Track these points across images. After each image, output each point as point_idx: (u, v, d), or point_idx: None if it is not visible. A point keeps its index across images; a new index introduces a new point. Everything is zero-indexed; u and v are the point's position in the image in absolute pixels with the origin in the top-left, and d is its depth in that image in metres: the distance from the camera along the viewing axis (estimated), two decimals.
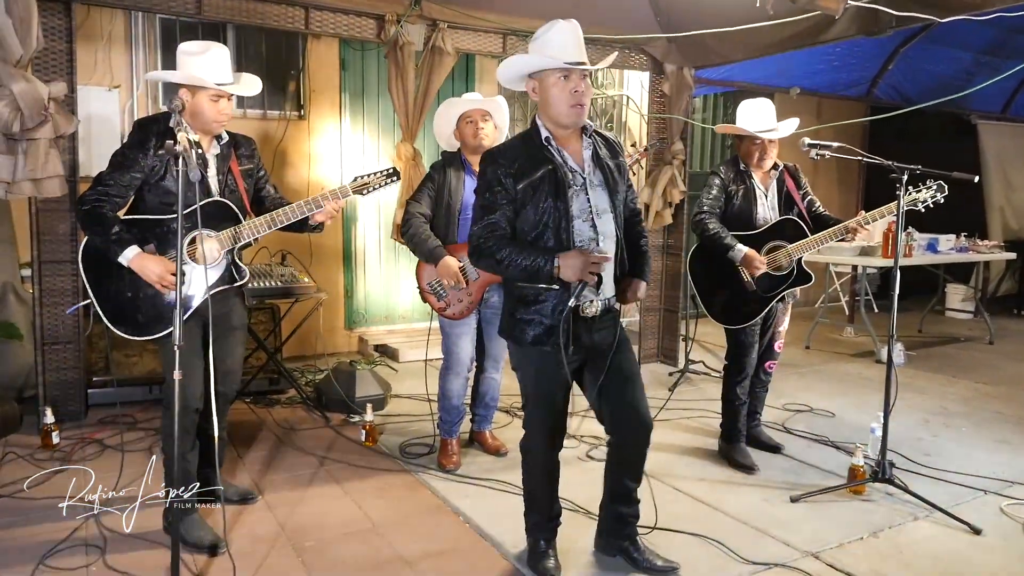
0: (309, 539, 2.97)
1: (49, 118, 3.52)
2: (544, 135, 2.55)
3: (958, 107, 7.63)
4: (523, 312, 2.57)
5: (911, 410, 4.80)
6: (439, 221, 3.66)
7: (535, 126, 2.58)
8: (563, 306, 2.51)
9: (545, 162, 2.51)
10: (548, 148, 2.54)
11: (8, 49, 3.36)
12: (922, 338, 7.31)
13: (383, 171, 3.13)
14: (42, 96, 3.45)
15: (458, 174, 3.65)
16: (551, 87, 2.49)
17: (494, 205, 2.51)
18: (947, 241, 7.01)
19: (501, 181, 2.50)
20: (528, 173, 2.49)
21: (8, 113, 3.38)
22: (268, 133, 5.71)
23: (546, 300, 2.53)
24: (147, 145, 2.74)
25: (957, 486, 3.62)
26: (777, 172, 3.82)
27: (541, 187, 2.49)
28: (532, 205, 2.49)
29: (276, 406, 4.71)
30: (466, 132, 3.63)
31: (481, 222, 2.53)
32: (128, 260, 2.71)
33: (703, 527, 3.11)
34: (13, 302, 4.56)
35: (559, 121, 2.53)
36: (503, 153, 2.55)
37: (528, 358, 2.64)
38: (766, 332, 3.92)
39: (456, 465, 3.73)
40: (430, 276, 3.65)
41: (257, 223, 2.92)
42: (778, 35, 4.71)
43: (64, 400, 4.18)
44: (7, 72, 3.38)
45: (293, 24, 4.50)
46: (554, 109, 2.51)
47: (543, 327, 2.54)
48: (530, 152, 2.53)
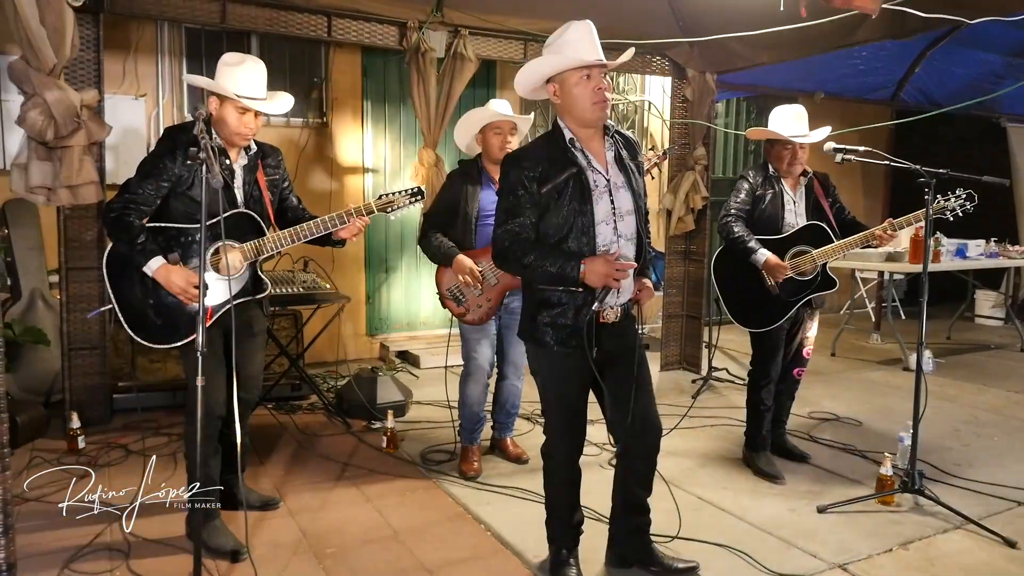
0: (330, 546, 2.97)
1: (82, 125, 3.57)
2: (568, 136, 2.53)
3: (987, 110, 7.51)
4: (545, 315, 2.55)
5: (941, 419, 4.71)
6: (456, 229, 3.67)
7: (558, 128, 2.56)
8: (587, 309, 2.49)
9: (570, 165, 2.49)
10: (572, 150, 2.52)
11: (42, 58, 3.41)
12: (951, 345, 7.18)
13: (408, 190, 3.13)
14: (75, 104, 3.49)
15: (475, 183, 3.66)
16: (573, 87, 2.47)
17: (518, 208, 2.49)
18: (976, 246, 6.89)
19: (525, 184, 2.48)
20: (552, 176, 2.47)
21: (42, 121, 3.42)
22: (291, 140, 5.75)
23: (568, 303, 2.52)
24: (175, 153, 2.76)
25: (989, 497, 3.53)
26: (807, 179, 3.78)
27: (565, 191, 2.47)
28: (556, 209, 2.48)
29: (298, 412, 4.72)
30: (492, 142, 3.62)
31: (505, 225, 2.51)
32: (153, 271, 2.73)
33: (727, 537, 3.06)
34: (41, 308, 4.62)
35: (584, 120, 2.52)
36: (526, 155, 2.53)
37: (548, 361, 2.62)
38: (793, 338, 3.87)
39: (477, 472, 3.71)
40: (450, 281, 3.65)
41: (281, 236, 2.93)
42: (803, 38, 4.65)
43: (90, 405, 4.22)
44: (40, 80, 3.42)
45: (316, 32, 4.53)
46: (578, 109, 2.49)
47: (565, 330, 2.53)
48: (554, 155, 2.51)
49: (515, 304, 3.64)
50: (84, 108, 3.59)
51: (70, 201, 3.67)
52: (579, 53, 2.45)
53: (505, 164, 2.56)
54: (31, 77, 3.44)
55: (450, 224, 3.68)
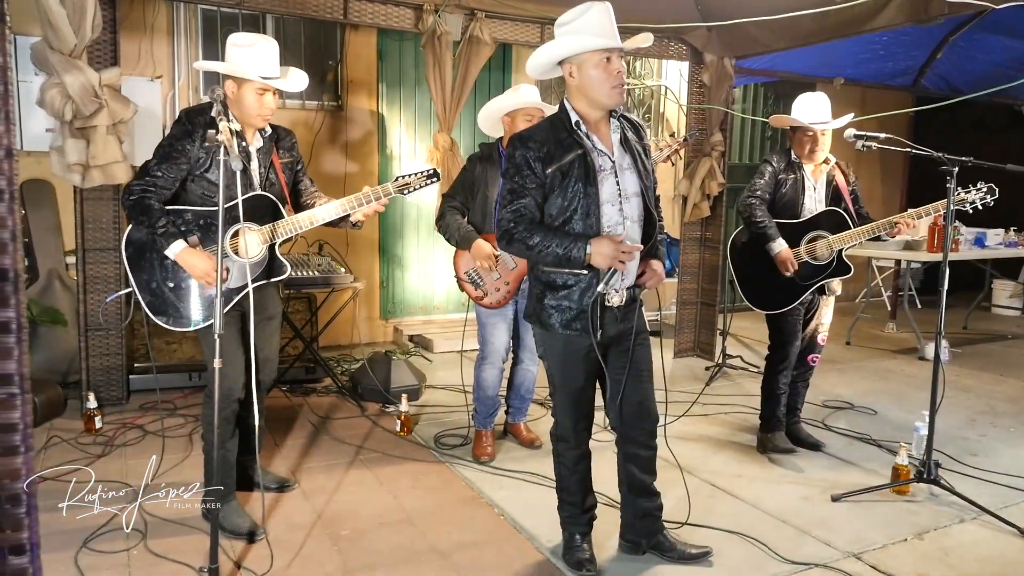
0: (345, 528, 2.99)
1: (104, 105, 3.56)
2: (574, 119, 2.51)
3: (1008, 97, 7.39)
4: (551, 297, 2.55)
5: (956, 409, 4.68)
6: (475, 212, 3.68)
7: (564, 110, 2.54)
8: (592, 291, 2.49)
9: (575, 146, 2.48)
10: (578, 132, 2.51)
11: (62, 39, 3.40)
12: (967, 335, 7.11)
13: (423, 172, 3.13)
14: (92, 84, 3.49)
15: (495, 166, 3.64)
16: (592, 69, 2.45)
17: (523, 189, 2.49)
18: (995, 236, 6.82)
19: (531, 165, 2.47)
20: (557, 157, 2.47)
21: (59, 101, 3.42)
22: (306, 123, 5.74)
23: (574, 285, 2.51)
24: (194, 136, 2.75)
25: (1005, 488, 3.51)
26: (829, 167, 3.78)
27: (571, 172, 2.46)
28: (561, 190, 2.47)
29: (312, 395, 4.74)
30: (522, 128, 3.58)
31: (510, 207, 2.50)
32: (175, 254, 2.73)
33: (741, 524, 3.06)
34: (58, 289, 4.66)
35: (600, 103, 2.51)
36: (532, 137, 2.52)
37: (555, 344, 2.62)
38: (808, 324, 3.86)
39: (490, 457, 3.73)
40: (467, 265, 3.65)
41: (298, 219, 2.93)
42: (823, 23, 4.59)
43: (106, 385, 4.26)
44: (60, 61, 3.42)
45: (332, 14, 4.51)
46: (596, 91, 2.47)
47: (571, 312, 2.53)
48: (559, 137, 2.50)
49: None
50: (105, 87, 3.59)
51: (102, 180, 3.70)
52: (601, 36, 2.43)
53: (511, 146, 2.54)
54: (50, 58, 3.45)
55: (468, 207, 3.69)
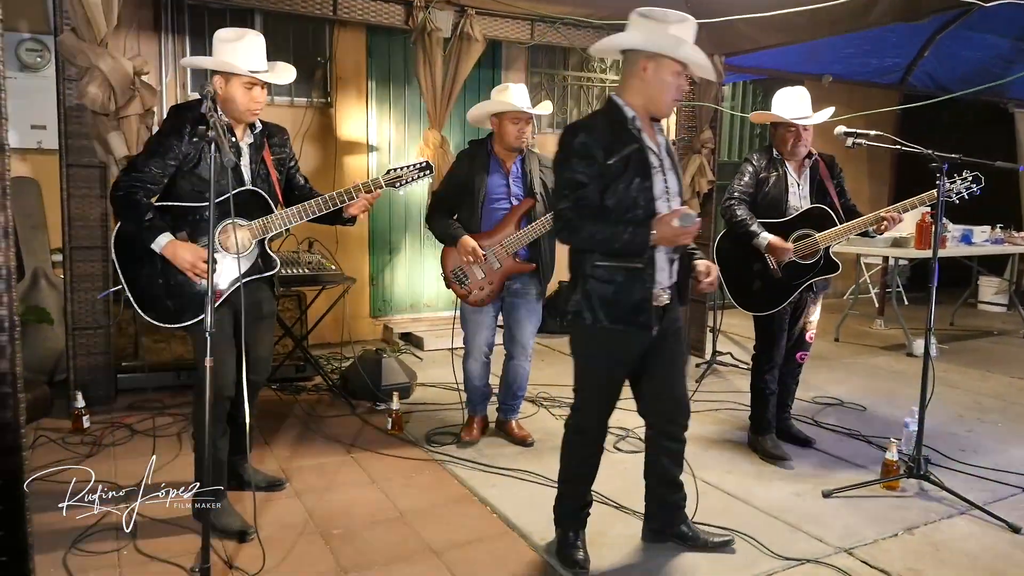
0: (337, 527, 2.97)
1: (137, 93, 3.51)
2: (630, 115, 2.52)
3: (994, 95, 7.45)
4: (598, 291, 2.53)
5: (945, 405, 4.71)
6: (463, 211, 3.71)
7: (616, 105, 2.53)
8: (645, 286, 2.50)
9: (632, 141, 2.49)
10: (634, 128, 2.51)
11: (96, 27, 3.33)
12: (954, 331, 7.17)
13: (415, 164, 3.10)
14: (129, 72, 3.43)
15: (483, 167, 3.69)
16: (668, 75, 2.46)
17: (585, 179, 2.46)
18: (982, 232, 6.87)
19: (592, 153, 2.45)
20: (617, 149, 2.46)
21: (103, 94, 3.35)
22: (295, 120, 5.70)
23: (625, 281, 2.51)
24: (182, 131, 2.73)
25: (994, 483, 3.54)
26: (811, 161, 3.75)
27: (629, 165, 2.47)
28: (620, 182, 2.46)
29: (303, 393, 4.72)
30: (509, 130, 3.64)
31: (571, 196, 2.47)
32: (161, 247, 2.70)
33: (733, 521, 3.06)
34: (44, 287, 4.61)
35: (658, 108, 2.53)
36: (592, 126, 2.50)
37: (597, 340, 2.59)
38: (796, 322, 3.86)
39: (474, 439, 3.87)
40: (454, 263, 3.70)
41: (289, 213, 2.91)
42: (812, 20, 4.60)
43: (94, 384, 4.22)
44: (95, 52, 3.34)
45: (321, 10, 4.49)
46: (660, 96, 2.49)
47: (620, 307, 2.52)
48: (615, 130, 2.50)
49: (517, 286, 3.74)
50: (136, 75, 3.53)
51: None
52: (697, 56, 2.44)
53: (569, 135, 2.50)
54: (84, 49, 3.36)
55: (457, 205, 3.72)
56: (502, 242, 3.64)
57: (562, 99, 6.97)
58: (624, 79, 2.55)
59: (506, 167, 3.72)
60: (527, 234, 3.62)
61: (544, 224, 3.58)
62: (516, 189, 3.72)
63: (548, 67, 6.85)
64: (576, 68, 6.97)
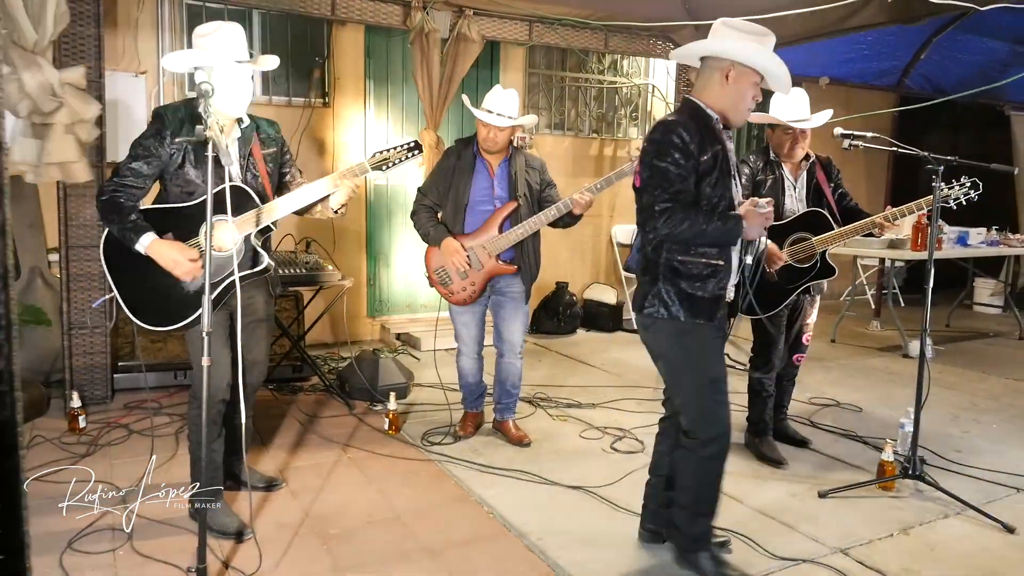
0: (334, 527, 2.97)
1: (63, 103, 3.51)
2: (715, 116, 2.56)
3: (991, 98, 7.48)
4: (690, 288, 2.54)
5: (940, 406, 4.72)
6: (447, 211, 3.75)
7: (699, 106, 2.56)
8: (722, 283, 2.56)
9: (717, 141, 2.53)
10: (718, 129, 2.56)
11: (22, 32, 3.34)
12: (950, 333, 7.19)
13: (403, 145, 3.01)
14: (50, 82, 3.44)
15: (469, 168, 3.71)
16: (748, 86, 2.52)
17: (684, 173, 2.46)
18: (977, 234, 6.89)
19: (687, 147, 2.46)
20: (708, 147, 2.49)
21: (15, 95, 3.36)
22: (293, 120, 5.69)
23: (712, 275, 2.55)
24: (163, 134, 2.71)
25: (989, 483, 3.55)
26: (808, 164, 3.75)
27: (717, 163, 2.51)
28: (710, 179, 2.50)
29: (299, 393, 4.72)
30: (480, 132, 3.69)
31: (670, 190, 2.46)
32: (145, 247, 2.68)
33: (730, 521, 3.06)
34: (40, 287, 4.60)
35: (734, 116, 2.58)
36: (684, 124, 2.50)
37: (695, 337, 2.58)
38: (793, 324, 3.86)
39: (468, 434, 3.97)
40: (437, 263, 3.76)
41: (272, 206, 2.84)
42: (809, 22, 4.62)
43: (90, 385, 4.22)
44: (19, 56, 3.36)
45: (319, 10, 4.49)
46: (738, 104, 2.55)
47: (709, 303, 2.55)
48: (704, 129, 2.52)
49: (500, 285, 3.79)
50: (66, 86, 3.53)
51: (60, 177, 3.65)
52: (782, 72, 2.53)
53: (664, 131, 2.50)
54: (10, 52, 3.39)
55: (441, 204, 3.77)
56: (484, 244, 3.66)
57: (560, 100, 6.98)
58: (703, 84, 2.57)
59: (491, 169, 3.74)
60: (509, 237, 3.65)
61: (528, 228, 3.63)
62: (500, 191, 3.73)
63: (546, 68, 6.86)
64: (574, 69, 6.98)
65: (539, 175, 3.81)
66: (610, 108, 7.17)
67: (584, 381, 5.14)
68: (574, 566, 2.71)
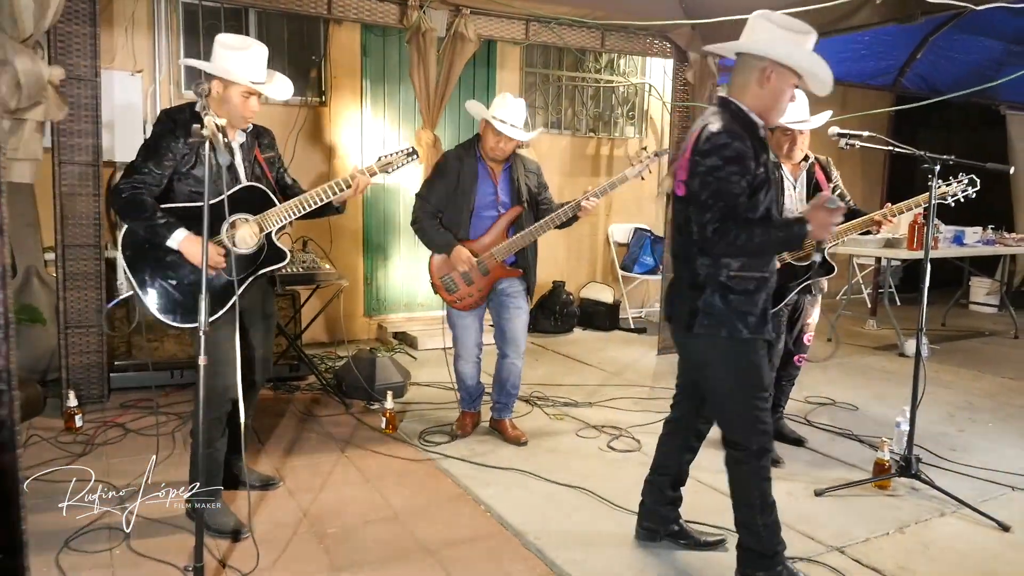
0: (331, 526, 2.98)
1: (43, 101, 3.51)
2: (760, 123, 2.46)
3: (986, 97, 7.50)
4: (740, 304, 2.47)
5: (936, 404, 4.74)
6: (450, 215, 3.74)
7: (742, 110, 2.44)
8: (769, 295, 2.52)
9: (764, 150, 2.45)
10: (765, 137, 2.48)
11: (21, 27, 3.34)
12: (946, 332, 7.21)
13: (403, 150, 3.24)
14: (44, 76, 3.44)
15: (473, 175, 3.73)
16: (786, 87, 2.42)
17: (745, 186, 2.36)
18: (973, 234, 6.90)
19: (747, 163, 2.36)
20: (761, 158, 2.42)
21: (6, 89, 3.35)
22: (289, 119, 5.69)
23: (760, 289, 2.49)
24: (176, 132, 2.74)
25: (984, 482, 3.56)
26: (807, 164, 3.76)
27: (768, 174, 2.45)
28: (764, 190, 2.43)
29: (296, 392, 4.72)
30: (489, 140, 3.68)
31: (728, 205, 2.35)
32: (178, 242, 2.70)
33: (726, 520, 3.05)
34: (36, 286, 4.59)
35: (772, 118, 2.50)
36: (740, 135, 2.37)
37: (750, 352, 2.51)
38: (794, 325, 3.87)
39: (465, 432, 3.98)
40: (442, 271, 3.76)
41: (287, 207, 2.92)
42: (806, 21, 4.61)
43: (87, 383, 4.21)
44: (13, 47, 3.35)
45: (315, 9, 4.48)
46: (776, 107, 2.46)
47: (759, 316, 2.49)
48: (753, 140, 2.41)
49: (504, 285, 3.80)
50: (49, 84, 3.53)
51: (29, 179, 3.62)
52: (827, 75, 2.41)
53: (721, 143, 2.36)
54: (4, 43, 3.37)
55: (443, 209, 3.76)
56: (492, 251, 3.69)
57: (557, 99, 6.98)
58: (741, 84, 2.46)
59: (495, 175, 3.75)
60: (516, 242, 3.68)
61: (537, 232, 3.66)
62: (504, 197, 3.76)
63: (542, 66, 6.86)
64: (571, 68, 6.98)
65: (536, 178, 3.83)
66: (607, 107, 7.17)
67: (580, 380, 5.14)
68: (571, 564, 2.72)
